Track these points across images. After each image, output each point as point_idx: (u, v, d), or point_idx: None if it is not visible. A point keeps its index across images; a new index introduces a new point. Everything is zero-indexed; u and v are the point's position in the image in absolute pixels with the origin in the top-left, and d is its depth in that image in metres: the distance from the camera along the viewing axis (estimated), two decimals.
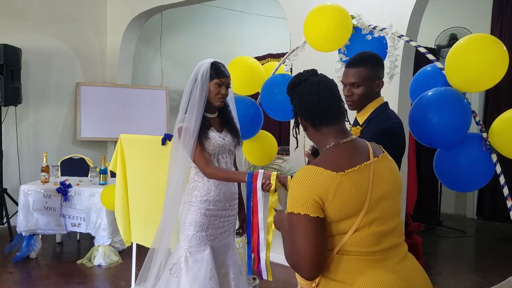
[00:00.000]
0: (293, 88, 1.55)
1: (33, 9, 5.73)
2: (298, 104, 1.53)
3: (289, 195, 1.43)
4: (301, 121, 1.56)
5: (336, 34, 2.60)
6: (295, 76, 1.58)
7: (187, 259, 2.41)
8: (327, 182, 1.37)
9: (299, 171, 1.43)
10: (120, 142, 3.34)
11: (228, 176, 2.39)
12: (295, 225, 1.39)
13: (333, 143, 1.48)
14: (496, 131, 2.31)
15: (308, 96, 1.50)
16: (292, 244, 1.40)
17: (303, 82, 1.53)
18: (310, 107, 1.50)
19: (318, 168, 1.39)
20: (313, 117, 1.51)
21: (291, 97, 1.57)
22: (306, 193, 1.37)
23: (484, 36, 2.29)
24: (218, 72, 2.41)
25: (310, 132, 1.55)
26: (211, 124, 2.46)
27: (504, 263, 4.62)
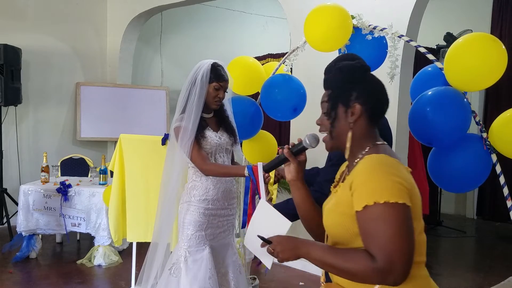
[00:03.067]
0: (366, 71, 1.44)
1: (33, 9, 5.73)
2: (370, 89, 1.40)
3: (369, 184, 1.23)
4: (360, 109, 1.38)
5: (336, 34, 2.60)
6: (361, 59, 1.48)
7: (186, 259, 2.41)
8: (407, 174, 1.29)
9: (373, 159, 1.29)
10: (120, 142, 3.34)
11: (226, 172, 2.40)
12: (384, 218, 1.19)
13: (375, 142, 1.39)
14: (496, 131, 2.31)
15: (379, 85, 1.42)
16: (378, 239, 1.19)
17: (369, 70, 1.45)
18: (378, 97, 1.41)
19: (394, 159, 1.29)
20: (377, 108, 1.41)
21: (361, 79, 1.41)
22: (397, 178, 1.23)
23: (481, 34, 2.29)
24: (218, 76, 2.41)
25: (360, 124, 1.39)
26: (207, 123, 2.46)
27: (504, 263, 4.62)
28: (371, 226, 1.21)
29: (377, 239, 1.19)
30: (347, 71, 1.43)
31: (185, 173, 2.51)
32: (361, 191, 1.24)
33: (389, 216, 1.19)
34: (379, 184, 1.22)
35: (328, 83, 1.47)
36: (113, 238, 3.47)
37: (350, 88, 1.40)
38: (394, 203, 1.19)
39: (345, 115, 1.40)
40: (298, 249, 1.35)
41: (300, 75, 3.29)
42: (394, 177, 1.22)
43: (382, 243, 1.18)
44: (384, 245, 1.18)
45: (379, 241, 1.19)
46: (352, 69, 1.43)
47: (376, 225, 1.20)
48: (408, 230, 1.20)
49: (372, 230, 1.21)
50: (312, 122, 4.58)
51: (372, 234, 1.21)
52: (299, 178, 1.56)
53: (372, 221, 1.21)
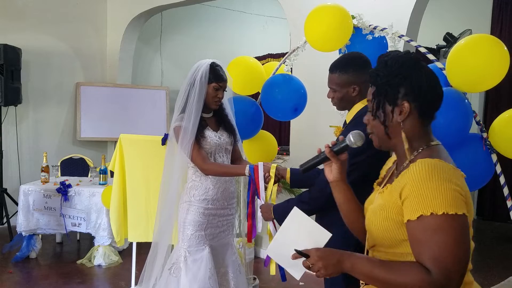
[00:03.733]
0: (414, 66, 1.29)
1: (33, 9, 5.72)
2: (419, 85, 1.27)
3: (425, 193, 1.15)
4: (409, 106, 1.27)
5: (337, 34, 2.60)
6: (412, 53, 1.34)
7: (186, 259, 2.41)
8: (462, 179, 1.20)
9: (428, 165, 1.18)
10: (120, 142, 3.34)
11: (226, 171, 2.40)
12: (442, 229, 1.13)
13: (429, 143, 1.30)
14: (496, 131, 2.31)
15: (434, 80, 1.29)
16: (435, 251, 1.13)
17: (422, 63, 1.32)
18: (435, 93, 1.29)
19: (450, 164, 1.21)
20: (428, 105, 1.28)
21: (407, 74, 1.28)
22: (455, 187, 1.15)
23: (485, 36, 2.29)
24: (217, 76, 2.41)
25: (411, 123, 1.28)
26: (207, 123, 2.46)
27: (504, 263, 4.62)
28: (426, 237, 1.14)
29: (432, 251, 1.13)
30: (393, 65, 1.30)
31: (185, 173, 2.51)
32: (416, 199, 1.16)
33: (448, 228, 1.13)
34: (436, 193, 1.14)
35: (373, 79, 1.34)
36: (116, 238, 3.47)
37: (397, 84, 1.28)
38: (453, 215, 1.13)
39: (394, 114, 1.29)
40: (341, 263, 1.25)
41: (301, 75, 3.29)
42: (451, 185, 1.15)
43: (438, 255, 1.13)
44: (441, 257, 1.12)
45: (435, 253, 1.13)
46: (399, 62, 1.30)
47: (432, 236, 1.14)
48: (465, 241, 1.16)
49: (427, 241, 1.14)
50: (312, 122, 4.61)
51: (427, 245, 1.14)
52: (342, 178, 1.46)
53: (428, 232, 1.14)
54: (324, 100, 2.22)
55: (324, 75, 2.09)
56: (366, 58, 2.07)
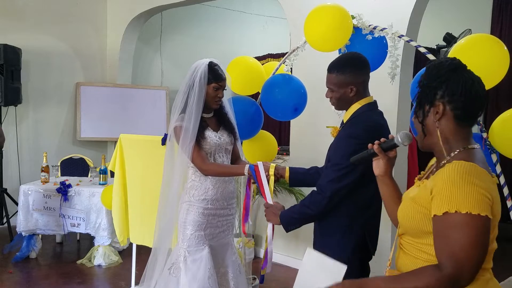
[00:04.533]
0: (454, 70, 1.36)
1: (33, 9, 5.73)
2: (457, 88, 1.34)
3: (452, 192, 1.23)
4: (443, 108, 1.35)
5: (337, 34, 2.60)
6: (455, 58, 1.40)
7: (186, 259, 2.41)
8: (491, 184, 1.27)
9: (458, 167, 1.26)
10: (120, 142, 3.34)
11: (226, 171, 2.40)
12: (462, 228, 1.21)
13: (468, 145, 1.36)
14: (496, 131, 2.31)
15: (475, 85, 1.34)
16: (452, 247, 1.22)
17: (465, 69, 1.38)
18: (470, 97, 1.33)
19: (480, 167, 1.28)
20: (467, 109, 1.34)
21: (446, 78, 1.35)
22: (481, 190, 1.22)
23: (485, 36, 2.29)
24: (216, 76, 2.40)
25: (446, 124, 1.37)
26: (207, 124, 2.46)
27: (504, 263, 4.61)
28: (448, 233, 1.23)
29: (451, 246, 1.22)
30: (433, 69, 1.40)
31: (186, 175, 2.50)
32: (444, 197, 1.24)
33: (468, 227, 1.21)
34: (464, 194, 1.22)
35: (419, 82, 1.44)
36: (119, 238, 3.46)
37: (435, 87, 1.37)
38: (476, 215, 1.21)
39: (431, 114, 1.38)
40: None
41: (300, 75, 3.28)
42: (479, 189, 1.23)
43: (455, 250, 1.21)
44: (457, 253, 1.20)
45: (453, 248, 1.21)
46: (438, 66, 1.39)
47: (453, 232, 1.22)
48: (483, 242, 1.23)
49: (448, 236, 1.23)
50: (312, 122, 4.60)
51: (447, 240, 1.23)
52: (387, 173, 1.58)
53: (450, 228, 1.22)
54: (324, 100, 2.22)
55: (324, 75, 2.09)
56: (365, 59, 2.06)
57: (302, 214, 2.01)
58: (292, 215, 2.04)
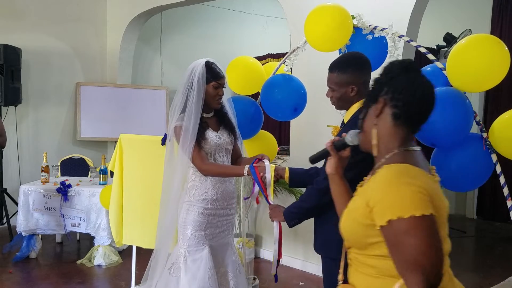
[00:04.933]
0: (404, 69, 1.33)
1: (33, 9, 5.73)
2: (400, 86, 1.30)
3: (390, 197, 1.18)
4: (383, 105, 1.32)
5: (337, 34, 2.60)
6: (410, 60, 1.36)
7: (186, 259, 2.41)
8: (429, 182, 1.22)
9: (392, 169, 1.23)
10: (120, 142, 3.34)
11: (225, 171, 2.40)
12: (413, 233, 1.14)
13: (403, 147, 1.31)
14: (496, 131, 2.31)
15: (418, 88, 1.30)
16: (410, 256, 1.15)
17: (418, 72, 1.34)
18: (413, 99, 1.29)
19: (417, 168, 1.23)
20: (406, 109, 1.30)
21: (394, 76, 1.32)
22: (418, 189, 1.17)
23: (485, 36, 2.29)
24: (214, 74, 2.40)
25: (383, 122, 1.33)
26: (208, 124, 2.46)
27: (504, 263, 4.62)
28: (398, 241, 1.16)
29: (406, 255, 1.15)
30: (385, 68, 1.37)
31: (186, 175, 2.50)
32: (383, 205, 1.19)
33: (417, 230, 1.14)
34: (401, 197, 1.16)
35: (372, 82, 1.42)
36: (115, 239, 3.46)
37: (382, 84, 1.34)
38: (421, 216, 1.14)
39: (372, 111, 1.35)
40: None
41: (300, 75, 3.28)
42: (414, 187, 1.17)
43: (412, 258, 1.14)
44: (415, 260, 1.14)
45: (410, 256, 1.14)
46: (391, 64, 1.37)
47: (403, 240, 1.15)
48: (436, 241, 1.17)
49: (399, 245, 1.16)
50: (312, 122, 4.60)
51: (401, 248, 1.16)
52: (338, 172, 1.56)
53: (398, 236, 1.16)
54: (324, 100, 2.22)
55: (324, 75, 2.09)
56: (366, 59, 2.06)
57: (299, 208, 2.07)
58: (292, 210, 2.09)
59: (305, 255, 4.17)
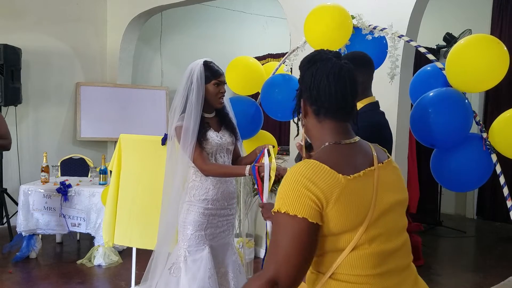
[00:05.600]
0: (310, 63, 1.33)
1: (33, 9, 5.72)
2: (308, 83, 1.30)
3: (281, 190, 1.20)
4: (304, 105, 1.33)
5: (336, 34, 2.60)
6: (315, 52, 1.36)
7: (186, 259, 2.41)
8: (332, 183, 1.16)
9: (297, 165, 1.22)
10: (119, 142, 3.34)
11: (226, 172, 2.40)
12: (283, 228, 1.17)
13: (333, 141, 1.28)
14: (496, 131, 2.31)
15: (326, 78, 1.27)
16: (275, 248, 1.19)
17: (325, 61, 1.30)
18: (322, 91, 1.28)
19: (323, 165, 1.19)
20: (321, 104, 1.28)
21: (303, 73, 1.34)
22: (306, 191, 1.15)
23: (484, 36, 2.29)
24: (214, 72, 2.40)
25: (309, 121, 1.33)
26: (209, 125, 2.46)
27: (504, 263, 4.62)
28: (274, 231, 1.22)
29: (273, 245, 1.20)
30: (299, 66, 1.39)
31: (187, 175, 2.50)
32: (277, 196, 1.23)
33: (286, 226, 1.17)
34: (287, 194, 1.18)
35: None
36: (104, 239, 3.44)
37: (300, 84, 1.37)
38: (293, 216, 1.16)
39: (300, 113, 1.38)
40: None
41: None
42: (300, 187, 1.16)
43: (276, 250, 1.18)
44: (277, 252, 1.18)
45: (275, 247, 1.19)
46: (304, 59, 1.37)
47: (276, 231, 1.20)
48: (303, 245, 1.16)
49: (274, 235, 1.21)
50: None
51: (273, 238, 1.21)
52: None
53: (275, 226, 1.21)
54: None
55: None
56: (369, 58, 2.07)
57: None
58: None
59: None
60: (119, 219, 3.36)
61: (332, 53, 1.34)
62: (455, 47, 2.30)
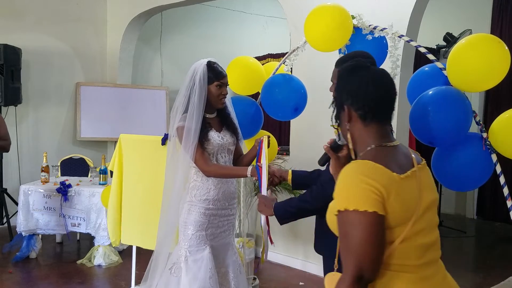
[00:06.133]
0: (353, 71, 1.42)
1: (33, 9, 5.73)
2: (354, 90, 1.39)
3: (342, 190, 1.28)
4: (348, 110, 1.40)
5: (337, 34, 2.60)
6: (353, 60, 1.44)
7: (187, 259, 2.41)
8: (389, 180, 1.26)
9: (352, 165, 1.30)
10: (120, 142, 3.34)
11: (228, 172, 2.40)
12: (354, 225, 1.23)
13: (378, 144, 1.37)
14: (496, 131, 2.31)
15: (371, 84, 1.38)
16: (350, 246, 1.24)
17: (366, 68, 1.41)
18: (369, 96, 1.37)
19: (377, 164, 1.27)
20: (369, 108, 1.37)
21: (345, 81, 1.42)
22: (369, 187, 1.23)
23: (485, 36, 2.29)
24: (217, 74, 2.40)
25: (355, 125, 1.41)
26: (211, 125, 2.46)
27: (504, 263, 4.62)
28: (344, 230, 1.27)
29: (348, 243, 1.25)
30: (339, 75, 1.45)
31: (188, 175, 2.50)
32: (338, 196, 1.29)
33: (358, 224, 1.22)
34: (350, 191, 1.25)
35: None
36: (111, 239, 3.46)
37: (341, 91, 1.43)
38: (363, 212, 1.22)
39: (343, 118, 1.44)
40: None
41: (300, 75, 3.28)
42: (366, 185, 1.23)
43: (352, 247, 1.24)
44: (354, 249, 1.23)
45: (350, 245, 1.24)
46: (341, 70, 1.45)
47: (347, 230, 1.25)
48: (375, 237, 1.23)
49: (345, 234, 1.26)
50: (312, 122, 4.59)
51: (345, 237, 1.26)
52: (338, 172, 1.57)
53: (344, 226, 1.26)
54: (324, 100, 2.22)
55: (324, 75, 2.10)
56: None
57: (301, 209, 2.00)
58: (289, 209, 2.01)
59: (305, 255, 4.17)
60: (125, 219, 3.36)
61: (368, 61, 1.45)
62: (456, 46, 2.30)
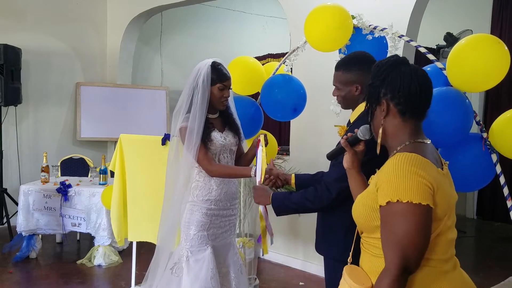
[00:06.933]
0: (393, 67, 1.41)
1: (33, 9, 5.73)
2: (397, 85, 1.38)
3: (393, 182, 1.26)
4: (387, 105, 1.40)
5: (337, 34, 2.60)
6: (392, 56, 1.45)
7: (188, 259, 2.41)
8: (435, 173, 1.29)
9: (399, 157, 1.30)
10: (120, 142, 3.34)
11: (232, 172, 2.40)
12: (404, 217, 1.24)
13: (413, 140, 1.39)
14: (496, 131, 2.31)
15: (416, 80, 1.38)
16: (397, 237, 1.25)
17: (407, 64, 1.41)
18: (412, 92, 1.37)
19: (424, 158, 1.29)
20: (410, 104, 1.38)
21: (384, 76, 1.41)
22: (422, 179, 1.25)
23: (485, 36, 2.29)
24: (220, 76, 2.39)
25: (391, 120, 1.41)
26: (213, 125, 2.46)
27: (504, 263, 4.62)
28: (391, 221, 1.27)
29: (394, 234, 1.26)
30: (376, 68, 1.45)
31: (190, 175, 2.49)
32: (387, 187, 1.28)
33: (410, 215, 1.24)
34: (404, 183, 1.25)
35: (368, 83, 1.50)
36: (116, 238, 3.46)
37: (378, 85, 1.43)
38: (417, 204, 1.23)
39: (378, 113, 1.44)
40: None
41: (300, 75, 3.28)
42: (420, 178, 1.25)
43: (398, 238, 1.24)
44: (400, 240, 1.24)
45: (396, 236, 1.25)
46: (379, 65, 1.45)
47: (396, 221, 1.26)
48: (426, 230, 1.25)
49: (391, 225, 1.27)
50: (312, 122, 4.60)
51: (391, 228, 1.27)
52: (354, 167, 1.63)
53: (393, 217, 1.26)
54: (324, 100, 2.23)
55: (324, 75, 2.10)
56: (372, 58, 2.06)
57: (302, 206, 1.98)
58: (289, 204, 1.99)
59: (305, 255, 4.17)
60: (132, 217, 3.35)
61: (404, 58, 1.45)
62: (456, 46, 2.30)
